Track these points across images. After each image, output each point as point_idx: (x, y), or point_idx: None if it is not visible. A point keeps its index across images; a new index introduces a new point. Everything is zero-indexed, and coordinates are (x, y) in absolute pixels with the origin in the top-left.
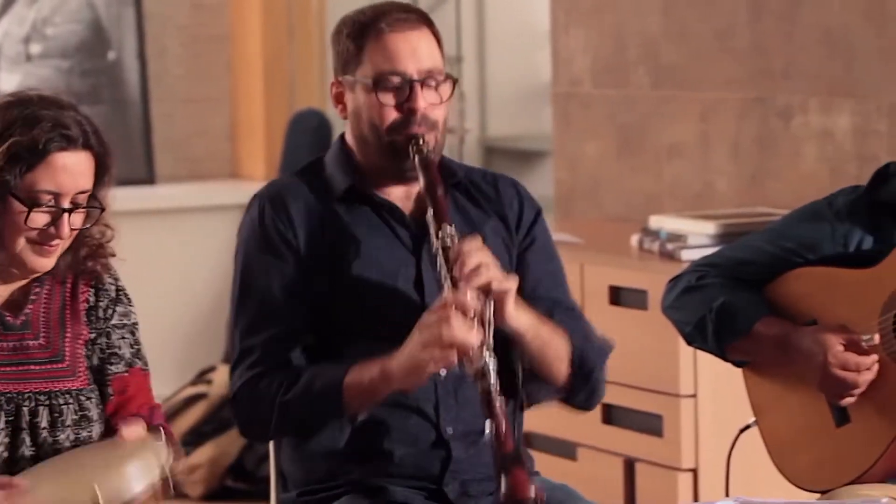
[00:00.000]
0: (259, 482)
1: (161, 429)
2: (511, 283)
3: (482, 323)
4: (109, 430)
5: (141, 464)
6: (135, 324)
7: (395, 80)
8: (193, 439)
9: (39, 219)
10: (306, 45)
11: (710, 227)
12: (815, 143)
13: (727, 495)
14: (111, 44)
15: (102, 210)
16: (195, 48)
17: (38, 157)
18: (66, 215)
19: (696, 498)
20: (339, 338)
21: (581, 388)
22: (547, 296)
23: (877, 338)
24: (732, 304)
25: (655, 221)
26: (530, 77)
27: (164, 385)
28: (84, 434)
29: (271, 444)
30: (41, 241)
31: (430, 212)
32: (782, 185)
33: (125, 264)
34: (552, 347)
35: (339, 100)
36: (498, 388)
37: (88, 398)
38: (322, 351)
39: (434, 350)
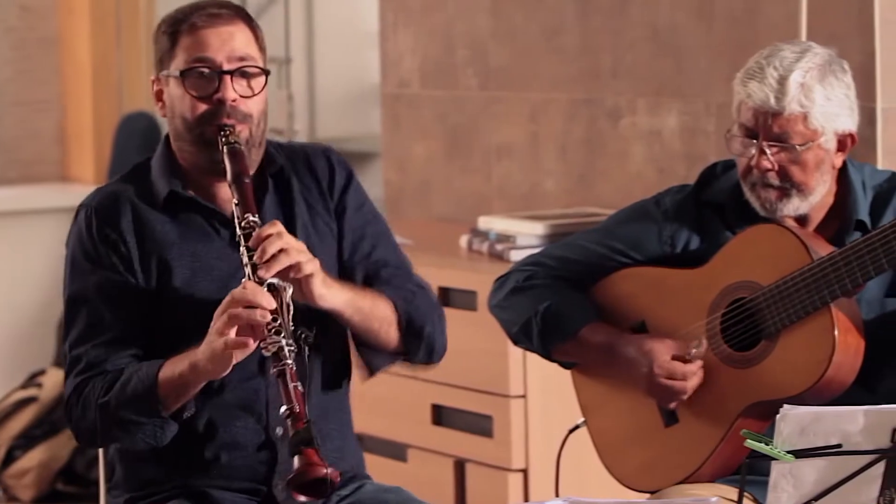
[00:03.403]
0: (90, 485)
1: None
2: (312, 266)
3: (281, 307)
4: None
5: None
6: None
7: (204, 70)
8: (24, 443)
9: None
10: (134, 48)
11: (538, 228)
12: (644, 143)
13: (557, 495)
14: None
15: None
16: (24, 51)
17: None
18: None
19: (526, 498)
20: (174, 348)
21: (417, 346)
22: (367, 260)
23: (704, 344)
24: (558, 308)
25: (484, 222)
26: (359, 78)
27: None
28: None
29: (101, 449)
30: None
31: (234, 200)
32: (610, 185)
33: None
34: (376, 317)
35: (158, 97)
36: (294, 371)
37: None
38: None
39: (227, 335)
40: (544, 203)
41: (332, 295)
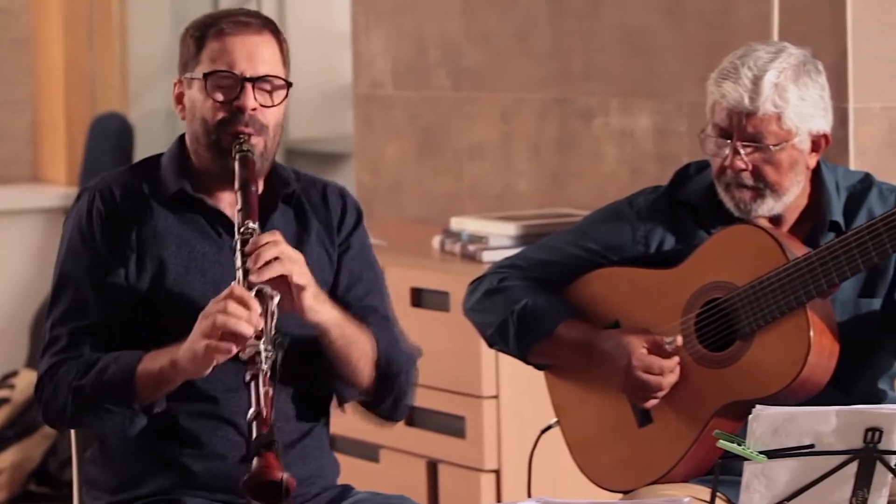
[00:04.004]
0: (63, 486)
1: None
2: (304, 279)
3: (265, 314)
4: None
5: None
6: None
7: (227, 78)
8: None
9: None
10: (107, 48)
11: (511, 229)
12: (616, 144)
13: (529, 496)
14: None
15: None
16: None
17: None
18: None
19: (498, 499)
20: (158, 343)
21: (386, 393)
22: (359, 303)
23: (679, 340)
24: (535, 307)
25: (457, 223)
26: (332, 79)
27: None
28: None
29: (74, 450)
30: None
31: (238, 205)
32: (583, 185)
33: None
34: (357, 347)
35: (179, 100)
36: (268, 377)
37: None
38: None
39: (210, 339)
40: (517, 204)
41: (322, 310)
